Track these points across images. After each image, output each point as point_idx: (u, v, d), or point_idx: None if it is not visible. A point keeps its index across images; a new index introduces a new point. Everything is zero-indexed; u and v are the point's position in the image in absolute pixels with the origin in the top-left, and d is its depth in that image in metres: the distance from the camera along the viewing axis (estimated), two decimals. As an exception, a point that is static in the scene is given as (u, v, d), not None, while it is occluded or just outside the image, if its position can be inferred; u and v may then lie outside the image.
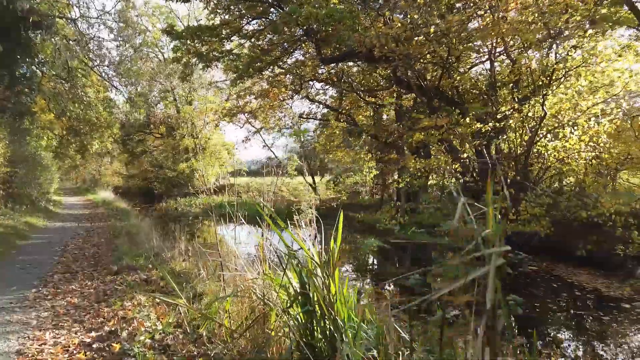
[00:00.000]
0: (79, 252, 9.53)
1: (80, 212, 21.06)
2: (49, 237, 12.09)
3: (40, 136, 27.49)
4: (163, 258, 8.12)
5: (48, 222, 16.47)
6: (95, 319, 4.87)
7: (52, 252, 9.70)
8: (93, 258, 8.84)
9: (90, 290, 6.24)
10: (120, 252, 8.96)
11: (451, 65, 12.59)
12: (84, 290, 6.27)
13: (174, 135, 36.18)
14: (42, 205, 20.13)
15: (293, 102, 22.89)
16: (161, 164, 37.72)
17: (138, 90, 24.79)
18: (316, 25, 11.31)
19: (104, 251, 9.57)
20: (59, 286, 6.55)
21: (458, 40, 11.68)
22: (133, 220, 16.45)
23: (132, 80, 21.42)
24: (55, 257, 9.05)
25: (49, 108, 23.82)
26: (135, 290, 5.94)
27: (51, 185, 26.03)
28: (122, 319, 4.74)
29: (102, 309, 5.24)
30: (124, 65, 20.52)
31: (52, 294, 6.09)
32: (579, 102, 12.12)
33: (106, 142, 32.03)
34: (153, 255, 8.29)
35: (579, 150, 12.37)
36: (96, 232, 13.11)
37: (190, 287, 5.90)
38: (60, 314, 5.18)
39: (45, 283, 6.79)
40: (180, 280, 6.49)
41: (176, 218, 23.90)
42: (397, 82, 13.17)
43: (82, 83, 23.13)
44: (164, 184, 36.93)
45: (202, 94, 36.31)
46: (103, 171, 52.40)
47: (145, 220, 15.52)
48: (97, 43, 19.18)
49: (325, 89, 20.44)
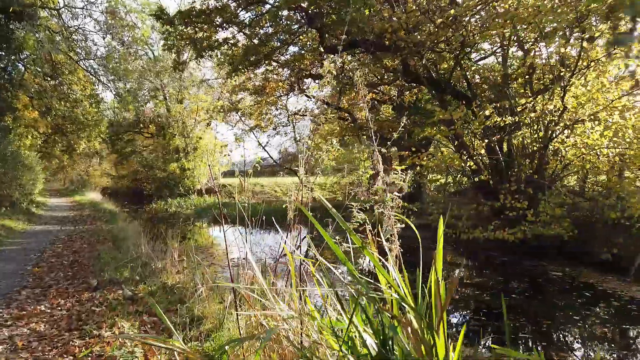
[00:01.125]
0: (56, 261, 8.27)
1: (65, 214, 19.65)
2: (26, 243, 10.79)
3: (24, 135, 26.00)
4: (153, 269, 6.90)
5: (28, 225, 15.11)
6: (63, 358, 3.67)
7: (26, 260, 8.42)
8: (71, 268, 7.59)
9: (62, 313, 5.02)
10: (103, 261, 7.72)
11: (465, 55, 11.52)
12: (55, 313, 5.04)
13: (164, 135, 34.79)
14: (24, 207, 18.70)
15: (288, 99, 21.71)
16: (151, 164, 36.30)
17: (126, 87, 23.31)
18: (325, 5, 10.17)
19: (85, 259, 8.32)
20: (24, 306, 5.32)
21: (474, 28, 10.61)
22: (120, 222, 15.14)
23: (120, 75, 20.00)
24: (28, 266, 7.78)
25: (32, 105, 22.38)
26: (117, 312, 4.74)
27: (35, 186, 24.46)
28: (98, 358, 3.56)
29: (74, 341, 4.03)
30: (111, 59, 19.14)
31: (15, 317, 4.86)
32: (602, 95, 11.12)
33: (94, 142, 30.57)
34: (141, 265, 7.07)
35: (601, 146, 11.36)
36: (79, 237, 11.81)
37: (187, 309, 4.73)
38: (19, 347, 3.97)
39: (9, 302, 5.55)
40: (174, 298, 5.30)
41: (167, 220, 22.59)
42: (406, 73, 12.06)
43: (68, 80, 21.75)
44: (154, 185, 35.54)
45: (193, 92, 34.93)
46: (92, 172, 50.74)
47: (134, 223, 14.24)
48: (82, 35, 17.78)
49: (321, 84, 19.24)
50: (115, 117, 36.18)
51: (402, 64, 11.78)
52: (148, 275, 6.51)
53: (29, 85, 21.16)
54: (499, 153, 12.30)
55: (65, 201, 30.43)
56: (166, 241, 8.45)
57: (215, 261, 10.86)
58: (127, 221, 16.02)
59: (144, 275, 6.49)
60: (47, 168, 46.12)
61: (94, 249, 9.35)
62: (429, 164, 15.01)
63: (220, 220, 4.32)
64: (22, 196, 20.48)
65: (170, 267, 6.84)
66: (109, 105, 30.53)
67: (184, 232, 18.20)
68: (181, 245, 12.48)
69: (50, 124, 27.21)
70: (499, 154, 12.11)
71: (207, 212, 25.14)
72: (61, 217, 18.65)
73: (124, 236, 10.77)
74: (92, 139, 29.31)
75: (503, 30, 10.91)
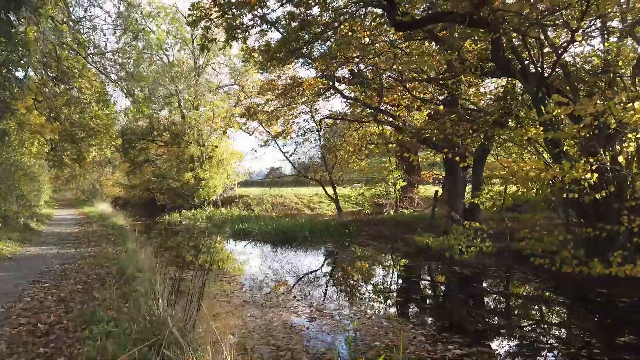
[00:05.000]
0: (27, 324, 5.12)
1: (69, 231, 16.62)
2: (2, 279, 7.74)
3: (29, 141, 23.10)
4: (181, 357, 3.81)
5: (21, 246, 12.08)
6: None
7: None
8: (46, 342, 4.52)
9: None
10: (100, 327, 4.65)
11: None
12: None
13: (178, 143, 31.93)
14: (21, 222, 15.67)
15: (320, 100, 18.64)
16: (164, 174, 33.45)
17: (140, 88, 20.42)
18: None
19: (72, 320, 5.24)
20: None
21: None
22: (130, 244, 12.08)
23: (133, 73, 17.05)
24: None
25: (36, 107, 19.49)
26: None
27: (39, 198, 21.57)
28: None
29: None
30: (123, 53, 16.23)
31: None
32: None
33: (105, 150, 27.65)
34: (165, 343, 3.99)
35: None
36: (76, 269, 8.72)
37: None
38: None
39: None
40: None
41: (181, 233, 19.56)
42: (496, 60, 9.00)
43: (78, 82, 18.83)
44: (168, 195, 32.67)
45: (209, 98, 32.09)
46: (104, 181, 48.00)
47: (146, 247, 11.21)
48: (90, 26, 14.88)
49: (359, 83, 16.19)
50: (127, 124, 33.45)
51: (493, 46, 8.73)
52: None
53: (32, 85, 18.27)
54: (611, 162, 9.20)
55: (73, 213, 27.48)
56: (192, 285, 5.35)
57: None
58: (138, 242, 12.96)
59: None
60: (58, 177, 43.48)
61: (89, 297, 6.25)
62: (498, 174, 11.93)
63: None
64: (23, 209, 17.53)
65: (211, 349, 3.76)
66: (121, 109, 27.82)
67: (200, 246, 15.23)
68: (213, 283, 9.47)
69: (58, 130, 24.37)
70: (607, 163, 8.99)
71: (225, 226, 22.09)
72: (64, 234, 15.62)
73: (134, 270, 7.69)
74: (103, 146, 26.44)
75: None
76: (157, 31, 31.82)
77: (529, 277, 10.52)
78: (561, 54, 8.57)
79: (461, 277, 10.96)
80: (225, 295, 9.00)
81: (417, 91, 14.90)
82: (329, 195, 24.07)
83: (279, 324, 7.06)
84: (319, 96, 17.51)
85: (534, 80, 9.16)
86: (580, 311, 8.21)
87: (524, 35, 8.37)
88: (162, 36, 32.64)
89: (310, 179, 24.23)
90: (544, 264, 9.67)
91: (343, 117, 19.28)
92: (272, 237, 17.66)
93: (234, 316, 7.54)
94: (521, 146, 11.64)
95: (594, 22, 8.69)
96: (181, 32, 33.60)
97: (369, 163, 25.06)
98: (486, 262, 11.83)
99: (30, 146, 23.41)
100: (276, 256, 14.79)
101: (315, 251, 15.12)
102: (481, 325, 7.36)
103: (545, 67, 9.21)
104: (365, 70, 16.08)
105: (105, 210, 27.43)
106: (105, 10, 48.31)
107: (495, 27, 8.06)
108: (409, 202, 24.95)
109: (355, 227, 18.21)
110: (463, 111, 11.91)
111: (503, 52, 8.87)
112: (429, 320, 7.50)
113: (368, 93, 16.14)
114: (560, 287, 9.56)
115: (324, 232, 17.34)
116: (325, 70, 15.08)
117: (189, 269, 11.00)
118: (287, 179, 28.24)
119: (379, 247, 15.19)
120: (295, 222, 19.26)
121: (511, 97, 12.99)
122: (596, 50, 10.25)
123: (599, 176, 9.03)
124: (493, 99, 14.91)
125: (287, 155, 23.11)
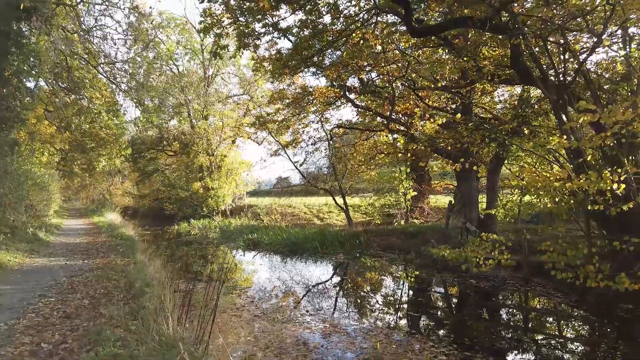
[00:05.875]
0: (31, 343, 4.78)
1: (77, 241, 16.41)
2: (7, 293, 7.47)
3: (40, 151, 23.06)
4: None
5: (29, 257, 11.86)
6: None
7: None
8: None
9: None
10: (106, 348, 4.35)
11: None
12: None
13: (187, 153, 31.81)
14: (30, 232, 15.47)
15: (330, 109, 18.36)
16: (174, 183, 33.32)
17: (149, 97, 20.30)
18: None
19: (78, 338, 4.93)
20: None
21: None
22: (139, 256, 11.82)
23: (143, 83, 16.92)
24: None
25: (46, 117, 19.42)
26: None
27: (48, 207, 21.45)
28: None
29: None
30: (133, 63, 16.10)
31: None
32: None
33: (115, 159, 27.55)
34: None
35: None
36: (83, 282, 8.45)
37: None
38: None
39: None
40: None
41: (191, 244, 19.31)
42: (516, 67, 8.67)
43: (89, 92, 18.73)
44: (176, 205, 32.46)
45: (218, 108, 31.99)
46: (113, 191, 48.00)
47: (155, 259, 10.92)
48: (101, 36, 14.76)
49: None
50: (137, 133, 33.45)
51: (512, 52, 8.41)
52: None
53: (43, 95, 18.21)
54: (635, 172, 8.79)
55: (82, 223, 27.34)
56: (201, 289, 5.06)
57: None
58: (147, 252, 12.70)
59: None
60: (68, 187, 43.57)
61: (96, 313, 5.97)
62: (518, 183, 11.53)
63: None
64: (32, 219, 17.38)
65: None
66: (131, 119, 27.79)
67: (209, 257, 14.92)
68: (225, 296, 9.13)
69: (69, 140, 24.32)
70: (630, 173, 8.58)
71: (234, 236, 21.80)
72: (73, 244, 15.40)
73: (142, 284, 7.40)
74: (112, 156, 26.36)
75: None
76: (167, 42, 31.92)
77: (549, 291, 10.12)
78: (585, 59, 8.24)
79: (479, 290, 10.58)
80: (236, 309, 8.69)
81: (430, 100, 14.59)
82: (338, 205, 23.73)
83: (292, 340, 6.74)
84: (329, 105, 17.24)
85: (555, 87, 8.82)
86: (606, 327, 7.81)
87: (545, 40, 8.06)
88: (172, 47, 32.74)
89: (319, 189, 23.92)
90: (567, 277, 9.25)
91: (354, 127, 18.98)
92: (282, 247, 17.33)
93: (245, 331, 7.23)
94: (542, 156, 11.22)
95: (619, 28, 8.34)
96: (191, 42, 33.69)
97: (379, 173, 24.71)
98: (503, 275, 11.44)
99: (41, 156, 23.39)
100: (286, 267, 14.47)
101: (326, 262, 14.77)
102: (504, 343, 7.00)
103: (567, 74, 8.88)
104: (376, 78, 15.82)
105: (114, 220, 27.27)
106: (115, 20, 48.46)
107: (516, 32, 7.75)
108: (420, 212, 24.52)
109: (366, 238, 17.83)
110: (479, 120, 11.57)
111: (523, 59, 8.55)
112: (449, 337, 7.13)
113: (379, 102, 15.86)
114: (583, 302, 9.15)
115: (334, 243, 16.99)
116: (336, 79, 14.84)
117: (198, 281, 10.74)
118: (297, 188, 27.95)
119: (391, 259, 14.81)
120: (305, 232, 18.92)
121: (526, 105, 12.66)
122: (620, 57, 9.90)
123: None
124: (507, 107, 14.58)
125: (297, 164, 22.82)
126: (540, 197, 10.54)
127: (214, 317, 4.28)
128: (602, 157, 9.83)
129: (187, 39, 33.77)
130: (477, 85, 10.99)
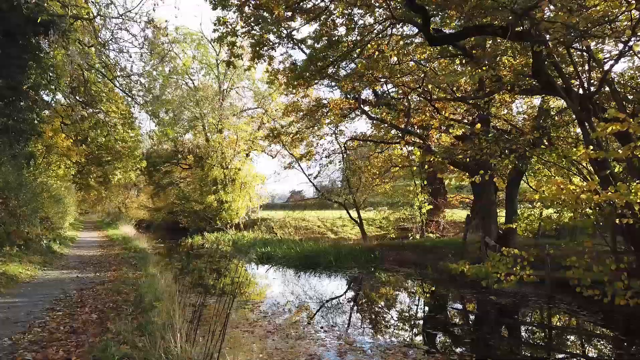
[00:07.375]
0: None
1: (91, 254, 16.36)
2: (17, 305, 7.29)
3: (56, 163, 23.26)
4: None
5: (41, 270, 11.76)
6: None
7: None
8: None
9: None
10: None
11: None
12: None
13: (202, 166, 31.87)
14: (44, 244, 15.45)
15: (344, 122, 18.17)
16: (188, 197, 33.34)
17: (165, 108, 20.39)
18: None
19: (83, 354, 4.68)
20: None
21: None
22: (151, 268, 11.65)
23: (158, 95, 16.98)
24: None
25: (63, 130, 19.59)
26: None
27: (64, 220, 21.51)
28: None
29: None
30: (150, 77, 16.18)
31: None
32: None
33: (130, 172, 27.68)
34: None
35: None
36: (93, 295, 8.27)
37: None
38: None
39: None
40: None
41: (203, 257, 19.12)
42: (536, 75, 8.37)
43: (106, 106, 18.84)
44: (190, 218, 32.46)
45: (233, 122, 32.10)
46: (129, 204, 48.34)
47: (167, 270, 10.75)
48: (117, 49, 14.87)
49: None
50: (152, 147, 33.70)
51: (534, 61, 8.13)
52: None
53: (59, 108, 18.37)
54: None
55: (97, 236, 27.39)
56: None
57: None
58: (159, 266, 12.52)
59: None
60: (85, 200, 43.93)
61: (103, 328, 5.76)
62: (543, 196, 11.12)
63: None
64: (46, 231, 17.37)
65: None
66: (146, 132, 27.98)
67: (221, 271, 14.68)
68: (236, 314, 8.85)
69: (85, 152, 24.53)
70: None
71: (247, 249, 21.60)
72: (86, 257, 15.33)
73: (152, 298, 7.18)
74: (128, 169, 26.49)
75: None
76: (183, 56, 32.28)
77: (574, 308, 9.66)
78: (610, 67, 7.91)
79: (499, 307, 10.16)
80: (249, 324, 8.42)
81: (446, 112, 14.31)
82: (352, 219, 23.40)
83: (306, 358, 6.43)
84: (344, 117, 17.06)
85: (579, 97, 8.49)
86: (636, 348, 7.36)
87: (569, 48, 7.77)
88: (188, 61, 33.02)
89: (333, 202, 23.65)
90: (594, 295, 8.79)
91: (369, 139, 18.74)
92: (296, 261, 17.06)
93: (258, 348, 6.94)
94: (565, 167, 10.83)
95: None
96: (207, 57, 33.97)
97: (393, 186, 24.36)
98: (524, 292, 10.98)
99: (57, 169, 23.59)
100: (300, 281, 14.17)
101: (341, 277, 14.43)
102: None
103: (590, 83, 8.55)
104: (391, 90, 15.62)
105: (129, 233, 27.30)
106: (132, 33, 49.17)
107: (538, 40, 7.48)
108: (435, 226, 24.06)
109: (381, 252, 17.49)
110: (499, 131, 11.25)
111: (545, 68, 8.26)
112: (470, 355, 6.75)
113: (394, 114, 15.63)
114: (611, 320, 8.69)
115: (348, 257, 16.68)
116: (351, 90, 14.67)
117: (210, 294, 10.48)
118: (310, 201, 27.71)
119: (407, 274, 14.43)
120: (319, 246, 18.63)
121: (547, 116, 12.31)
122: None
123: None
124: (527, 118, 14.23)
125: (311, 177, 22.62)
126: (564, 210, 10.16)
127: (223, 334, 4.02)
128: (628, 169, 9.43)
129: (203, 53, 34.09)
130: (495, 96, 10.66)
